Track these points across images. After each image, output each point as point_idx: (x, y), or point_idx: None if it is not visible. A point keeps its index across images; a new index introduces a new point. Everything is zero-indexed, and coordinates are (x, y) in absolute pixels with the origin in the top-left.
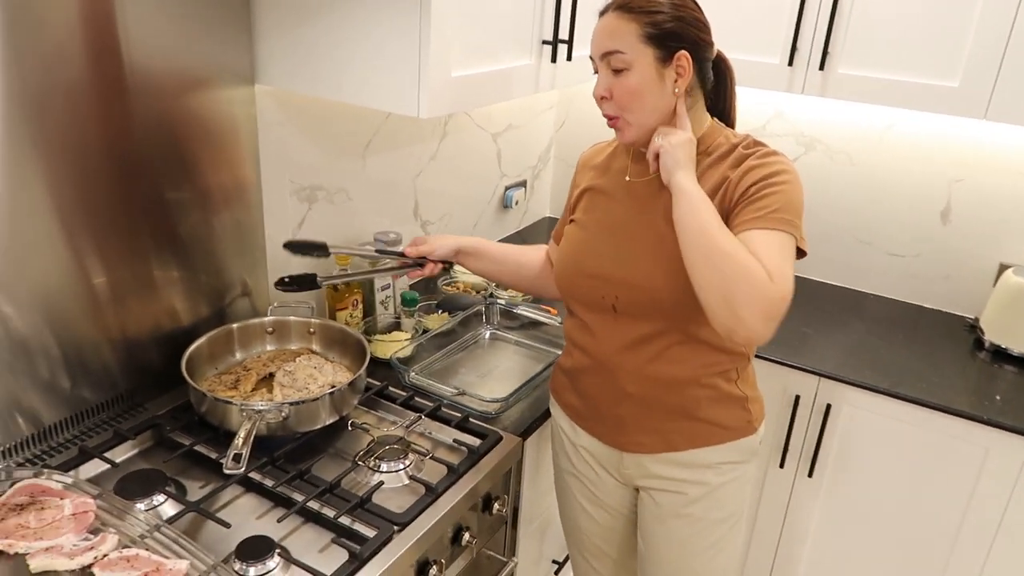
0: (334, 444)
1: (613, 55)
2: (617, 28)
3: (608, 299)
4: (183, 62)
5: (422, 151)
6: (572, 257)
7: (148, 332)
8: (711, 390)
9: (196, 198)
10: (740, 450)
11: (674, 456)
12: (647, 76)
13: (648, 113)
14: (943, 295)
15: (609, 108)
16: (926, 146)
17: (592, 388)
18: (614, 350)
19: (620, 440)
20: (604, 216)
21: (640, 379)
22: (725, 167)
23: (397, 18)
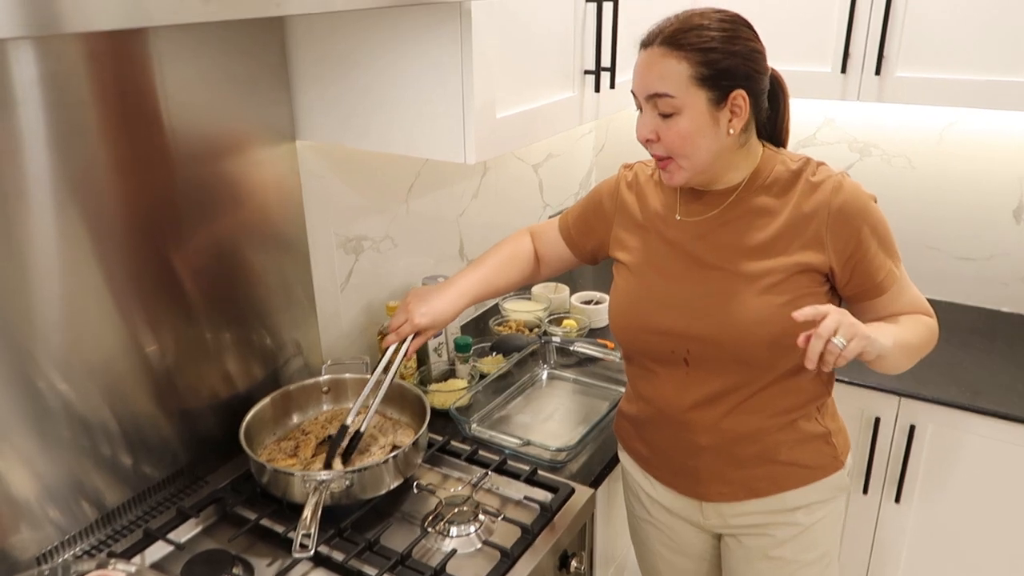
0: (400, 508)
1: (661, 98)
2: (665, 68)
3: (679, 353)
4: (225, 124)
5: (464, 189)
6: (633, 309)
7: (204, 401)
8: (791, 433)
9: (243, 259)
10: (829, 488)
11: (758, 503)
12: (699, 120)
13: (702, 157)
14: (1021, 298)
15: (658, 150)
16: (991, 143)
17: (661, 440)
18: (686, 405)
19: (698, 490)
20: (659, 260)
21: (715, 432)
22: (795, 199)
23: (438, 65)
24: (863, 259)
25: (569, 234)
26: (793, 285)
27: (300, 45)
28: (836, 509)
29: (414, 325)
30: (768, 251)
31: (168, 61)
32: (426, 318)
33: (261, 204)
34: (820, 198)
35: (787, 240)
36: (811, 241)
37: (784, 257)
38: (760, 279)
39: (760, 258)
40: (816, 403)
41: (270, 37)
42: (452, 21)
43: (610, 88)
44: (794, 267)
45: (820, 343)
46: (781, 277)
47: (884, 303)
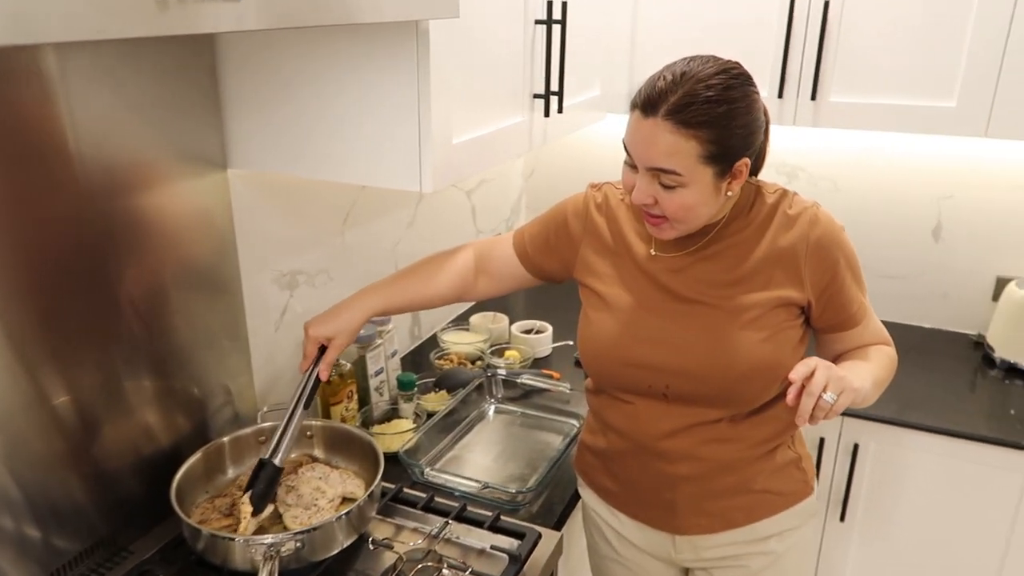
0: (354, 567)
1: (666, 174)
2: (673, 146)
3: (657, 387)
4: (146, 152)
5: (399, 218)
6: (608, 341)
7: (124, 459)
8: (769, 461)
9: (167, 299)
10: (801, 514)
11: (733, 533)
12: (704, 194)
13: (700, 221)
14: (943, 314)
15: (656, 210)
16: (910, 166)
17: (634, 473)
18: (662, 435)
19: (673, 524)
20: (635, 294)
21: (693, 461)
22: (772, 233)
23: (392, 88)
24: (838, 292)
25: (525, 251)
26: (773, 320)
27: (233, 67)
28: (807, 535)
29: (313, 337)
30: (748, 285)
31: (77, 82)
32: (327, 328)
33: (188, 238)
34: (798, 232)
35: (767, 274)
36: (790, 276)
37: (765, 292)
38: (741, 314)
39: (740, 292)
40: (791, 431)
41: (198, 58)
42: (408, 42)
43: (558, 112)
44: (775, 301)
45: (811, 400)
46: (761, 312)
47: (854, 336)
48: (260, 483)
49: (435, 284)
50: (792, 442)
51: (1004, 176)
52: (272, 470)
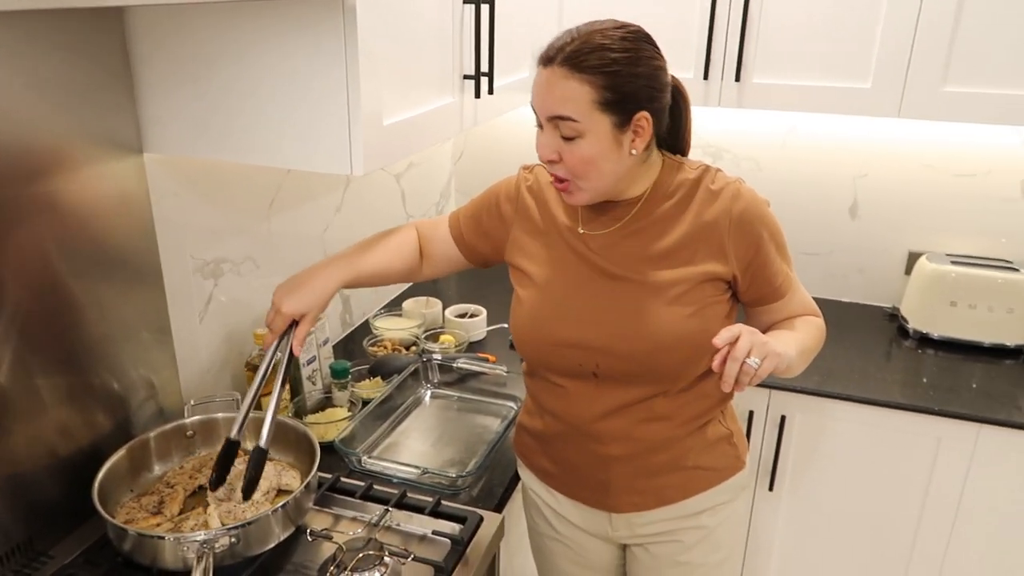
0: (292, 560)
1: (563, 121)
2: (567, 91)
3: (587, 367)
4: (51, 136)
5: (327, 203)
6: (539, 322)
7: (40, 461)
8: (700, 438)
9: (82, 291)
10: (732, 488)
11: (667, 509)
12: (603, 144)
13: (605, 180)
14: (859, 288)
15: (558, 170)
16: (829, 146)
17: (570, 454)
18: (594, 416)
19: (607, 502)
20: (564, 273)
21: (626, 441)
22: (695, 208)
23: (318, 66)
24: (763, 265)
25: (460, 233)
26: (699, 295)
27: (145, 43)
28: (739, 509)
29: (287, 314)
30: (673, 260)
31: None
32: (300, 303)
33: (103, 226)
34: (721, 206)
35: (691, 249)
36: (715, 250)
37: (690, 267)
38: (667, 289)
39: (665, 267)
40: (721, 406)
41: (106, 34)
42: (334, 17)
43: (488, 93)
44: (700, 276)
45: (736, 365)
46: (687, 287)
47: (780, 307)
48: (250, 468)
49: (393, 260)
50: (723, 418)
51: (915, 155)
52: (260, 455)
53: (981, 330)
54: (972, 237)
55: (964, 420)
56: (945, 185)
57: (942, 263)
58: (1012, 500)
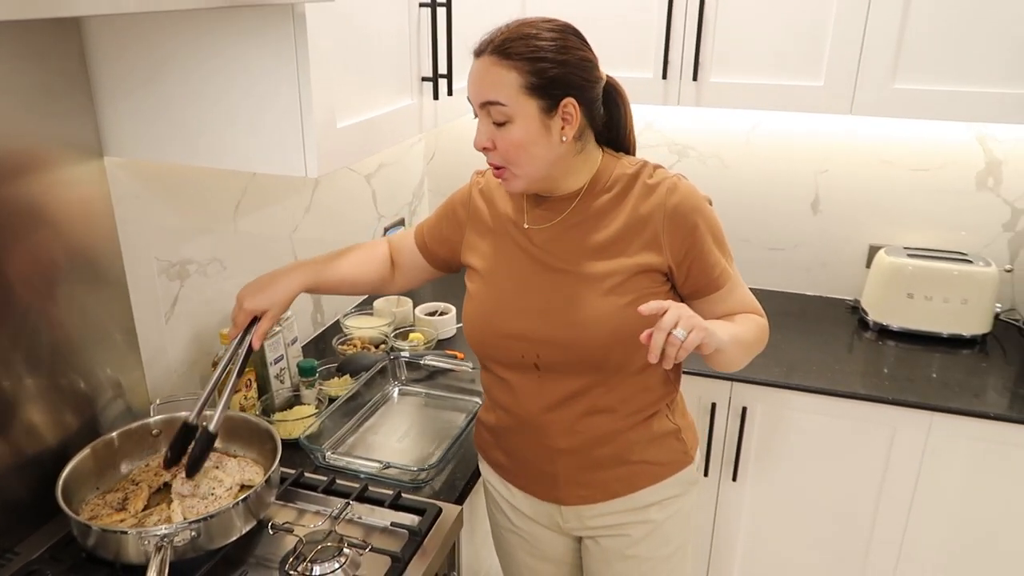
0: (254, 552)
1: (493, 106)
2: (496, 76)
3: (529, 358)
4: (10, 141)
5: (295, 204)
6: (482, 315)
7: (6, 460)
8: (644, 432)
9: (45, 293)
10: (680, 482)
11: (614, 503)
12: (531, 128)
13: (537, 165)
14: (823, 282)
15: (494, 158)
16: (790, 142)
17: (519, 447)
18: (540, 409)
19: (556, 495)
20: (509, 268)
21: (571, 434)
22: (632, 202)
23: (271, 72)
24: (698, 256)
25: (424, 243)
26: (635, 285)
27: (102, 50)
28: (687, 503)
29: (248, 310)
30: (609, 252)
31: None
32: (262, 300)
33: (65, 230)
34: (656, 200)
35: (627, 241)
36: (649, 242)
37: (624, 258)
38: (603, 280)
39: (602, 259)
40: (666, 400)
41: (64, 42)
42: (284, 24)
43: (448, 95)
44: (635, 268)
45: (662, 336)
46: (623, 278)
47: (718, 300)
48: (196, 447)
49: (362, 269)
50: (670, 412)
51: (874, 151)
52: (207, 437)
53: (938, 321)
54: (930, 230)
55: (917, 408)
56: (902, 180)
57: (899, 256)
58: (965, 486)
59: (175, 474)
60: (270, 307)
